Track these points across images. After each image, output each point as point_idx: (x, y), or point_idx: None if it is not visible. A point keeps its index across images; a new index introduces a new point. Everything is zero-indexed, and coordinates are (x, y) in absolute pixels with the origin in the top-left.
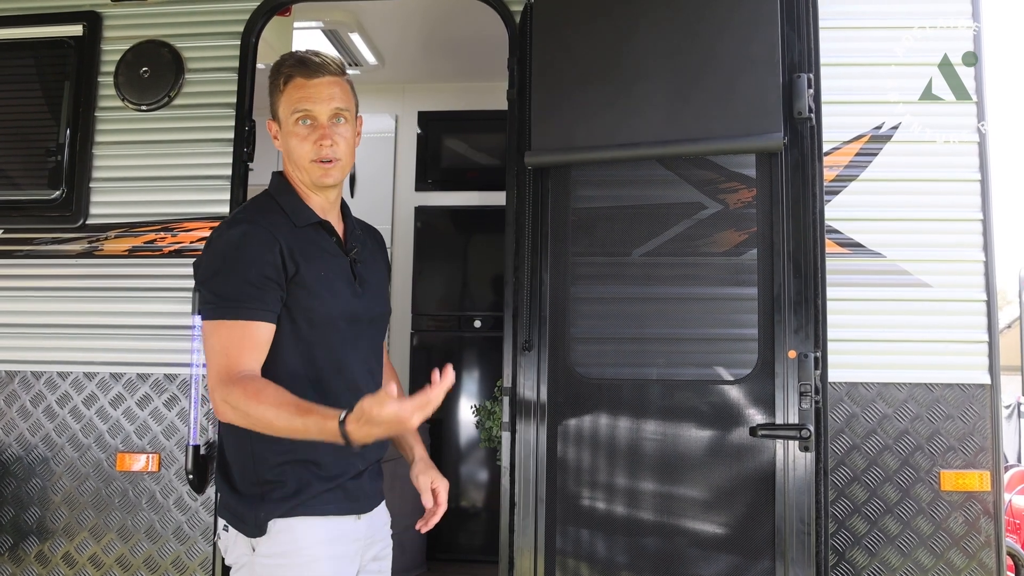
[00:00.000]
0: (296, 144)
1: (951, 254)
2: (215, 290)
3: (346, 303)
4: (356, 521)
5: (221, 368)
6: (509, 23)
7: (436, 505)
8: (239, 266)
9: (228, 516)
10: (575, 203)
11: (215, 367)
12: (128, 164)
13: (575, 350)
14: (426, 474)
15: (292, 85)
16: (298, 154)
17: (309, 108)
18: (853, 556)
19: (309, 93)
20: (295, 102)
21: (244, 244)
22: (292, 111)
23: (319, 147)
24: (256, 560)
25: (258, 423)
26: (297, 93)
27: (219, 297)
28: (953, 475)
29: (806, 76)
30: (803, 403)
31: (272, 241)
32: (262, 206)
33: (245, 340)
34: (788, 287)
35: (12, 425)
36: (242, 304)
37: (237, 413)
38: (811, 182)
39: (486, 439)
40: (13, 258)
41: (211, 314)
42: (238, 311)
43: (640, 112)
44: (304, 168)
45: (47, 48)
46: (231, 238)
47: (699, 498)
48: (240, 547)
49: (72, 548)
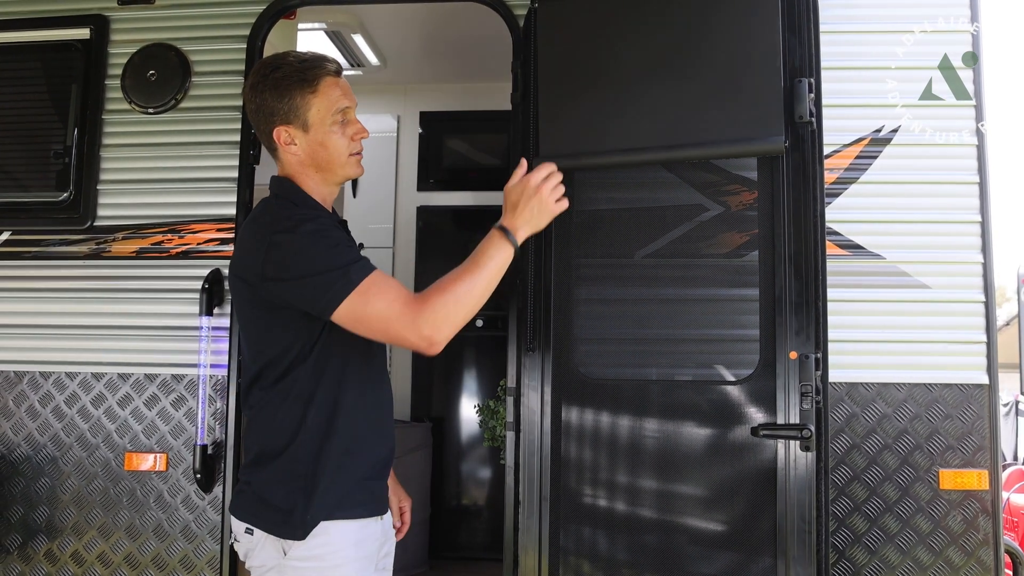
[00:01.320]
0: (337, 140)
1: (950, 256)
2: (328, 268)
3: None
4: (379, 522)
5: (404, 298)
6: (513, 27)
7: (403, 524)
8: (332, 246)
9: (254, 520)
10: (579, 205)
11: (399, 302)
12: (135, 166)
13: (579, 351)
14: (395, 493)
15: (326, 84)
16: (339, 151)
17: (348, 104)
18: (853, 554)
19: (344, 90)
20: (335, 100)
21: (323, 232)
22: (334, 109)
23: (356, 139)
24: (287, 564)
25: (468, 301)
26: (334, 91)
27: (335, 271)
28: (952, 474)
29: (807, 81)
30: (804, 403)
31: (335, 227)
32: (299, 206)
33: (387, 282)
34: (789, 289)
35: (21, 425)
36: (360, 262)
37: (447, 315)
38: (812, 185)
39: (489, 438)
40: (21, 259)
41: (343, 288)
42: (362, 269)
43: (644, 117)
44: (343, 163)
45: (55, 51)
46: (306, 231)
47: (701, 496)
48: (268, 550)
49: (81, 547)
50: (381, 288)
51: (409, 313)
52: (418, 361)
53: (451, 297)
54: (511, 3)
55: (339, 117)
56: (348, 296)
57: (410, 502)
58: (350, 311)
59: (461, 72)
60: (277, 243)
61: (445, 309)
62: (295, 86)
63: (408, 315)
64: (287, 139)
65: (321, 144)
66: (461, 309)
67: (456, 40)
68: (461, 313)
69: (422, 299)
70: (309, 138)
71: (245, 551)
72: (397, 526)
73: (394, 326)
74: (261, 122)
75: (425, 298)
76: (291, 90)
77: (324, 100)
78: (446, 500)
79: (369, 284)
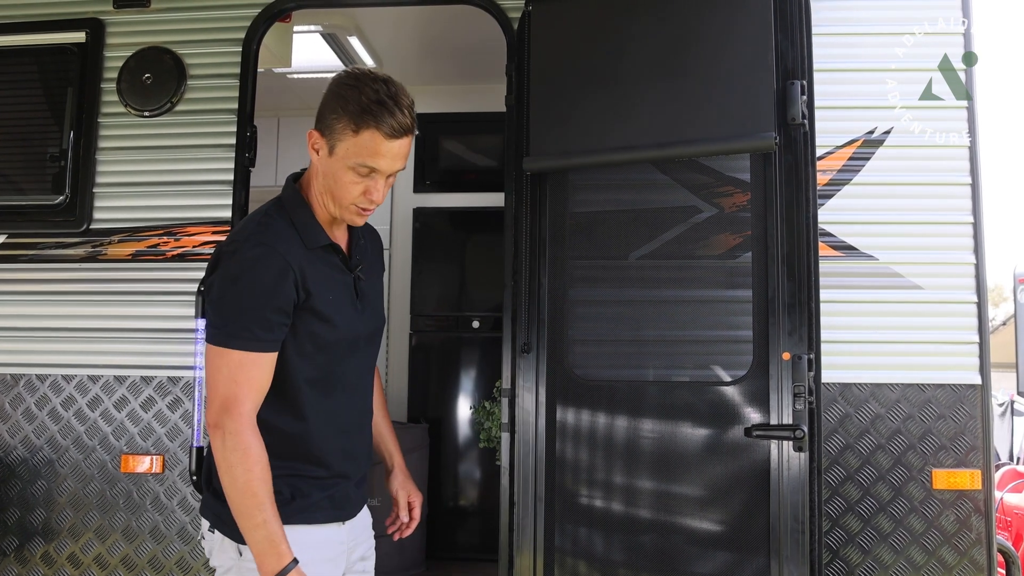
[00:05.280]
0: (346, 185)
1: (942, 256)
2: (226, 315)
3: (351, 325)
4: (340, 527)
5: (228, 396)
6: (507, 30)
7: (411, 520)
8: (253, 294)
9: (214, 520)
10: (573, 207)
11: (220, 394)
12: (131, 169)
13: (573, 352)
14: (404, 488)
15: (368, 135)
16: (342, 194)
17: (376, 166)
18: (847, 554)
19: (383, 152)
20: (365, 156)
21: (259, 270)
22: (357, 162)
23: (368, 198)
24: (243, 564)
25: (233, 478)
26: (371, 147)
27: (229, 323)
28: (945, 474)
29: (799, 83)
30: (797, 404)
31: (287, 269)
32: (275, 226)
33: (253, 370)
34: (782, 289)
35: (17, 428)
36: (254, 335)
37: (226, 451)
38: (804, 186)
39: (485, 439)
40: (17, 262)
41: (220, 340)
42: (249, 342)
43: (636, 117)
44: (343, 207)
45: (51, 55)
46: (245, 262)
47: (695, 497)
48: (227, 551)
49: (77, 549)
50: (230, 370)
51: (222, 407)
52: (415, 363)
53: (241, 468)
54: (505, 5)
55: (363, 169)
56: (215, 345)
57: (420, 497)
58: (210, 355)
59: (457, 74)
60: (222, 255)
61: (231, 457)
62: (346, 113)
63: (220, 405)
64: (314, 144)
65: (334, 177)
66: (228, 469)
67: (451, 42)
68: (225, 467)
69: (244, 430)
70: (328, 161)
71: (208, 549)
72: (405, 520)
73: (212, 397)
74: (317, 112)
75: (246, 435)
76: (341, 112)
77: (355, 147)
78: (443, 501)
79: (230, 356)
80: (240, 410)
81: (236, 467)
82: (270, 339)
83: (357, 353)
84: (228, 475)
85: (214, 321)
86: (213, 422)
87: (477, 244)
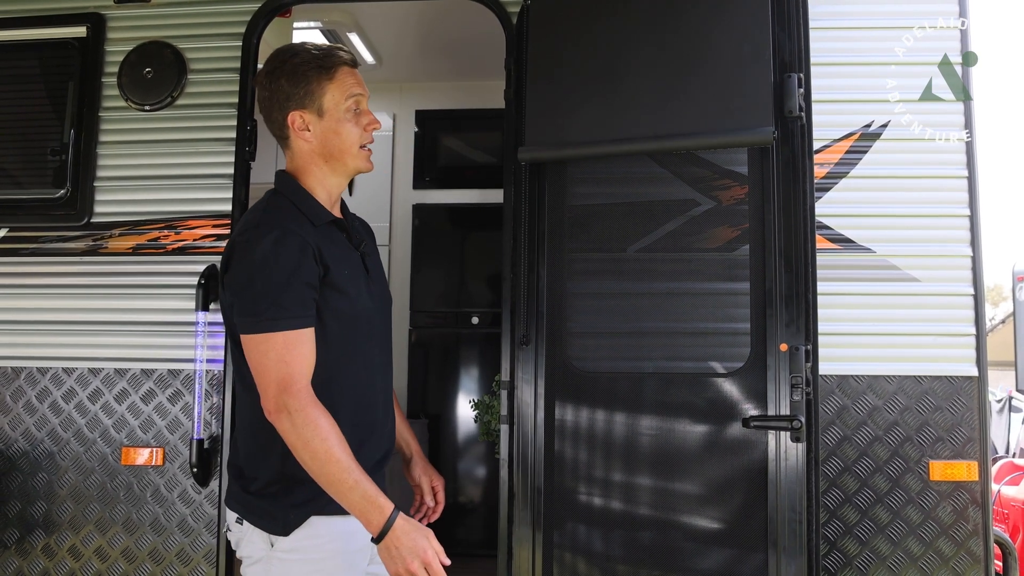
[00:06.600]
0: (350, 129)
1: (939, 249)
2: (258, 301)
3: (367, 299)
4: None
5: (282, 378)
6: (506, 24)
7: (437, 504)
8: (283, 273)
9: (244, 511)
10: (571, 200)
11: (273, 378)
12: (132, 163)
13: (572, 344)
14: (426, 473)
15: (342, 72)
16: (350, 140)
17: (362, 93)
18: (844, 545)
19: (358, 78)
20: (349, 87)
21: (280, 251)
22: (347, 96)
23: (368, 130)
24: (273, 555)
25: (313, 453)
26: (350, 79)
27: (264, 308)
28: (942, 465)
29: (796, 76)
30: (794, 395)
31: (305, 245)
32: (283, 209)
33: (300, 347)
34: (780, 282)
35: (18, 420)
36: (292, 312)
37: (297, 430)
38: (802, 179)
39: (484, 433)
40: (18, 256)
41: (260, 327)
42: (289, 320)
43: (633, 109)
44: (354, 154)
45: (51, 49)
46: (266, 245)
47: (693, 489)
48: (256, 542)
49: (78, 541)
50: (278, 352)
51: (280, 388)
52: (414, 358)
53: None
54: (504, 0)
55: (352, 105)
56: (254, 334)
57: (442, 481)
58: (254, 345)
59: (456, 70)
60: (237, 247)
61: (304, 432)
62: (312, 72)
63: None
64: (301, 125)
65: (334, 131)
66: (304, 444)
67: (451, 38)
68: (300, 443)
69: (310, 404)
70: (323, 124)
71: (236, 540)
72: (431, 505)
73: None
74: (275, 108)
75: (314, 408)
76: (308, 75)
77: (339, 86)
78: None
79: (275, 340)
80: (298, 387)
81: (312, 440)
82: (307, 315)
83: (375, 326)
84: (307, 451)
85: (247, 310)
86: (274, 407)
87: (476, 240)
